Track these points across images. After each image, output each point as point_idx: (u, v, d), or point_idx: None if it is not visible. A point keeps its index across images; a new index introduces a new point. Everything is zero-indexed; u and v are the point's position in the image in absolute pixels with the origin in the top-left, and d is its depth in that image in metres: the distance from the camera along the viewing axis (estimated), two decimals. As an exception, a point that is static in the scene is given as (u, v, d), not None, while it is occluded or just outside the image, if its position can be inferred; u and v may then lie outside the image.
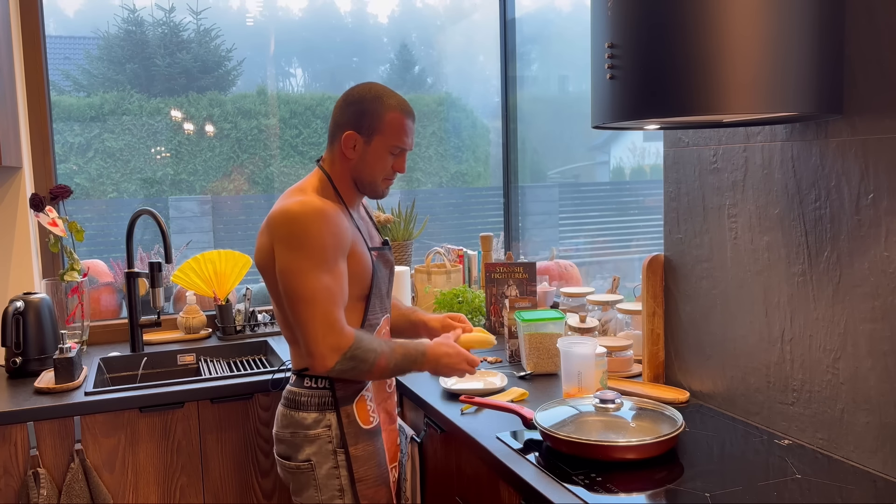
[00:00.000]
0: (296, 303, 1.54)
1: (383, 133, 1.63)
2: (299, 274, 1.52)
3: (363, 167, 1.66)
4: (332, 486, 1.65)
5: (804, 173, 1.46)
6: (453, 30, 3.38)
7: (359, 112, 1.63)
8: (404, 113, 1.65)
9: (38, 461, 1.94)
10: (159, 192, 2.92)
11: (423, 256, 2.97)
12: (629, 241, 2.85)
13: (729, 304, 1.67)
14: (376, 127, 1.63)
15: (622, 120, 1.33)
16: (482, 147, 3.42)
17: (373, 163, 1.65)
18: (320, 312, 1.52)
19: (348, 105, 1.65)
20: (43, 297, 2.29)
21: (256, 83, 3.06)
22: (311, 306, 1.52)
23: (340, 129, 1.65)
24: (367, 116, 1.62)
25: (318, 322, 1.52)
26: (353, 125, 1.63)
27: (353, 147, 1.64)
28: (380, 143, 1.64)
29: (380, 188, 1.70)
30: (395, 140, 1.64)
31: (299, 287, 1.52)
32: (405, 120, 1.65)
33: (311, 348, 1.53)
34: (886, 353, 1.30)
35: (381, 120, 1.62)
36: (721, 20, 1.19)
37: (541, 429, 1.47)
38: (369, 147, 1.64)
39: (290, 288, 1.54)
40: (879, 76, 1.29)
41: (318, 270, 1.53)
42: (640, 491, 1.30)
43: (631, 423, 1.48)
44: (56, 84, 2.75)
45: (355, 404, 1.68)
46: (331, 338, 1.52)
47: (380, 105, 1.63)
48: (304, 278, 1.52)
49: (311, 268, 1.52)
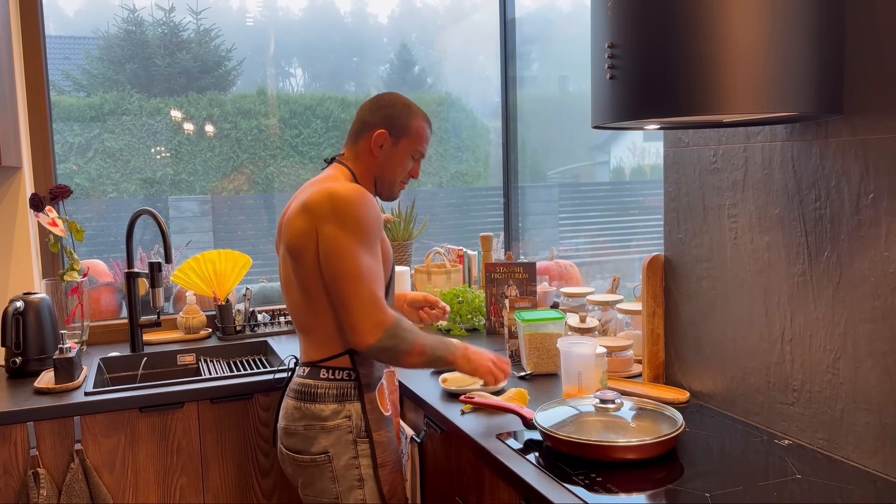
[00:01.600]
0: (342, 280, 1.58)
1: (410, 137, 1.77)
2: (348, 252, 1.58)
3: (387, 166, 1.77)
4: (351, 476, 1.68)
5: (804, 173, 1.46)
6: (453, 30, 3.38)
7: (390, 115, 1.76)
8: (428, 124, 1.82)
9: (37, 461, 1.94)
10: (159, 192, 2.92)
11: (423, 256, 2.97)
12: (629, 241, 2.85)
13: (729, 304, 1.67)
14: (405, 130, 1.76)
15: (622, 120, 1.33)
16: (482, 147, 3.42)
17: (396, 163, 1.77)
18: (365, 290, 1.58)
19: (379, 108, 1.77)
20: (43, 298, 2.29)
21: (256, 83, 3.06)
22: (357, 283, 1.57)
23: (370, 127, 1.76)
24: (398, 120, 1.76)
25: (364, 298, 1.57)
26: (385, 125, 1.75)
27: (381, 146, 1.75)
28: (406, 145, 1.77)
29: (396, 190, 1.82)
30: (419, 145, 1.79)
31: (348, 265, 1.58)
32: (427, 129, 1.82)
33: (355, 323, 1.57)
34: (886, 353, 1.30)
35: (410, 125, 1.77)
36: (721, 20, 1.19)
37: (541, 429, 1.47)
38: (396, 148, 1.76)
39: (338, 265, 1.58)
40: (879, 76, 1.29)
41: (363, 250, 1.60)
42: (641, 491, 1.30)
43: (631, 424, 1.48)
44: (56, 84, 2.75)
45: (377, 391, 1.75)
46: (374, 315, 1.57)
47: (409, 112, 1.78)
48: (352, 256, 1.58)
49: (359, 247, 1.59)
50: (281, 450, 1.77)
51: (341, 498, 1.67)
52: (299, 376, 1.74)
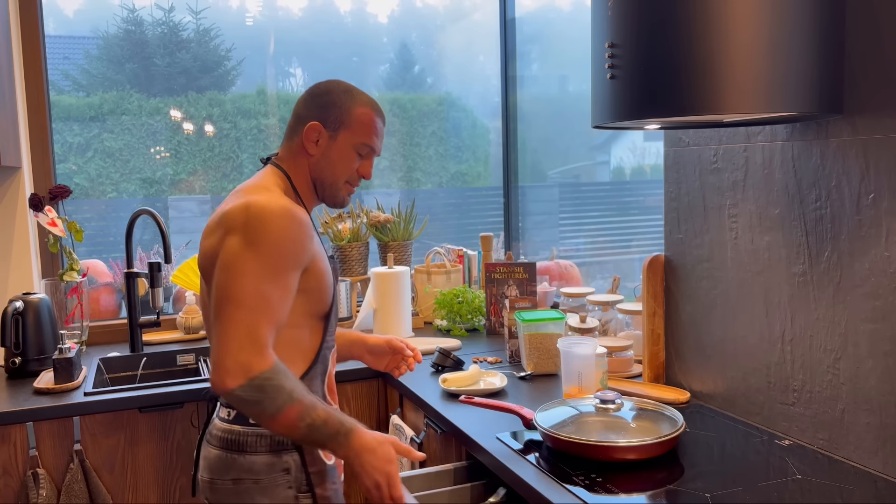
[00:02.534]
0: (222, 302, 1.28)
1: (351, 128, 1.47)
2: (241, 271, 1.29)
3: (325, 164, 1.48)
4: None
5: (804, 173, 1.46)
6: (453, 29, 3.38)
7: (325, 104, 1.47)
8: (375, 111, 1.51)
9: (37, 461, 1.94)
10: (159, 192, 2.92)
11: (423, 256, 2.97)
12: (629, 241, 2.84)
13: (729, 305, 1.67)
14: (343, 120, 1.47)
15: (622, 120, 1.32)
16: (482, 147, 3.42)
17: (336, 160, 1.48)
18: (246, 321, 1.27)
19: (313, 97, 1.49)
20: (42, 298, 2.29)
21: (256, 83, 3.05)
22: (238, 311, 1.27)
23: (302, 121, 1.48)
24: (335, 109, 1.47)
25: (237, 330, 1.26)
26: (318, 117, 1.47)
27: (315, 141, 1.47)
28: (346, 138, 1.48)
29: (340, 193, 1.52)
30: (364, 137, 1.48)
31: (235, 286, 1.28)
32: (375, 118, 1.50)
33: (217, 359, 1.26)
34: (887, 354, 1.30)
35: (350, 114, 1.47)
36: (721, 20, 1.19)
37: (541, 430, 1.47)
38: (334, 142, 1.48)
39: (223, 285, 1.30)
40: (880, 76, 1.29)
41: (264, 274, 1.30)
42: (641, 491, 1.30)
43: (631, 424, 1.48)
44: (55, 84, 2.75)
45: None
46: (245, 354, 1.25)
47: (349, 98, 1.48)
48: (245, 277, 1.28)
49: (258, 269, 1.29)
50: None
51: None
52: (222, 419, 1.44)
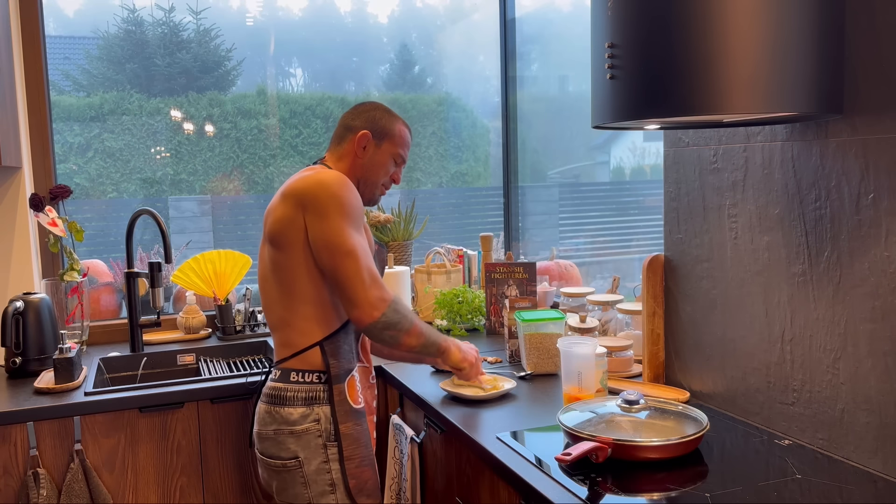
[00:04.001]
0: (341, 257, 1.62)
1: (392, 140, 1.83)
2: (342, 231, 1.62)
3: (370, 167, 1.82)
4: (323, 481, 1.68)
5: (804, 173, 1.46)
6: (453, 30, 3.38)
7: (373, 118, 1.82)
8: (409, 129, 1.89)
9: (37, 461, 1.94)
10: (159, 192, 2.92)
11: (423, 256, 2.97)
12: (629, 241, 2.85)
13: (729, 304, 1.67)
14: (387, 133, 1.82)
15: (622, 120, 1.33)
16: (482, 147, 3.42)
17: (378, 165, 1.82)
18: (364, 266, 1.63)
19: (361, 112, 1.83)
20: (43, 298, 2.29)
21: (256, 83, 3.06)
22: (356, 260, 1.62)
23: (352, 130, 1.81)
24: (381, 123, 1.82)
25: (363, 274, 1.62)
26: (368, 127, 1.81)
27: (364, 147, 1.80)
28: (388, 148, 1.83)
29: (377, 193, 1.87)
30: (400, 149, 1.85)
31: (344, 242, 1.62)
32: (408, 134, 1.88)
33: (358, 298, 1.61)
34: (887, 353, 1.30)
35: (392, 129, 1.83)
36: (721, 20, 1.19)
37: (564, 428, 1.44)
38: (379, 150, 1.82)
39: (333, 244, 1.62)
40: (879, 76, 1.29)
41: (353, 230, 1.65)
42: (640, 491, 1.30)
43: (656, 423, 1.47)
44: (56, 84, 2.75)
45: (346, 383, 1.73)
46: (376, 289, 1.62)
47: (391, 116, 1.85)
48: (347, 234, 1.63)
49: (349, 226, 1.64)
50: (256, 454, 1.78)
51: (314, 502, 1.68)
52: (271, 380, 1.75)
